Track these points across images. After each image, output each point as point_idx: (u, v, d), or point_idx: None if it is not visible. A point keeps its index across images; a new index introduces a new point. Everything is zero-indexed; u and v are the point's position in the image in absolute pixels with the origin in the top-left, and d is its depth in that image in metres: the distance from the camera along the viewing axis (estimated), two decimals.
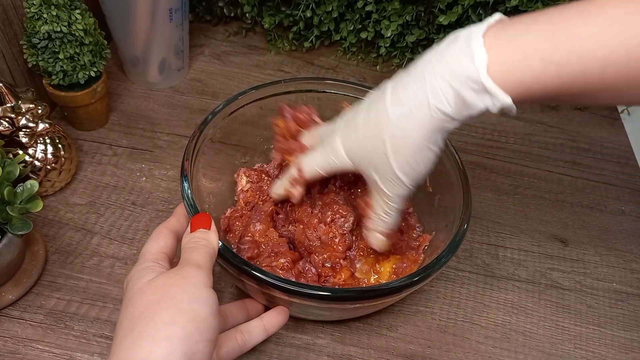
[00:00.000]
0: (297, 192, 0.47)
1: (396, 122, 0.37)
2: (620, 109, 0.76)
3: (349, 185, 0.51)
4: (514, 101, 0.33)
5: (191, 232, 0.39)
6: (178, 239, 0.41)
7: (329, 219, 0.48)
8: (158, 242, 0.40)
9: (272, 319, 0.43)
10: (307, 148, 0.48)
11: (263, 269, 0.41)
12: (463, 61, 0.33)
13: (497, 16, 0.35)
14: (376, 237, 0.45)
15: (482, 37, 0.33)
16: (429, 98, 0.35)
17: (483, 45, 0.33)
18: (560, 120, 0.73)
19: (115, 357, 0.31)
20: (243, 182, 0.54)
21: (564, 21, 0.32)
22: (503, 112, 0.35)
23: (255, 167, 0.56)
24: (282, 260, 0.45)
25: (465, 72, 0.33)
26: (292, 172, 0.47)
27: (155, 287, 0.34)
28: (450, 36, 0.36)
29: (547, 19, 0.33)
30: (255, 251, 0.47)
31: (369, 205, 0.44)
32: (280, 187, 0.49)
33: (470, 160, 0.66)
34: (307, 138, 0.48)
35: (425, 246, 0.50)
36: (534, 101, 0.35)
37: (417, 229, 0.53)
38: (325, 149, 0.43)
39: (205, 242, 0.38)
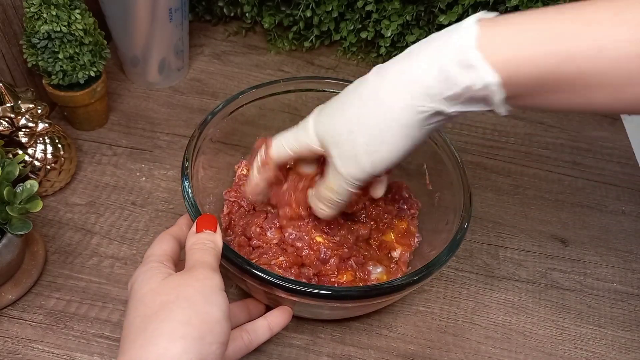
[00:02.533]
0: (266, 175, 0.44)
1: (375, 96, 0.36)
2: None
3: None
4: (503, 87, 0.32)
5: (197, 232, 0.39)
6: (181, 246, 0.41)
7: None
8: (161, 246, 0.39)
9: (277, 318, 0.43)
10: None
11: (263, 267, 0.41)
12: (452, 36, 0.33)
13: (494, 13, 0.35)
14: (319, 207, 0.43)
15: (476, 19, 0.33)
16: (412, 71, 0.34)
17: (475, 23, 0.33)
18: (560, 120, 0.73)
19: (127, 356, 0.31)
20: (243, 172, 0.53)
21: (559, 14, 0.31)
22: (488, 100, 0.33)
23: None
24: (280, 259, 0.45)
25: (452, 45, 0.33)
26: (260, 153, 0.44)
27: (169, 287, 0.34)
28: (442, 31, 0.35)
29: (542, 10, 0.32)
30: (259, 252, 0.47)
31: (324, 175, 0.42)
32: (251, 180, 0.46)
33: (470, 160, 0.66)
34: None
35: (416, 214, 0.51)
36: (522, 96, 0.33)
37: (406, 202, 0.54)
38: (297, 128, 0.42)
39: (212, 244, 0.38)
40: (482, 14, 0.34)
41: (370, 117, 0.36)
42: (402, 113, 0.35)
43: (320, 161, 0.45)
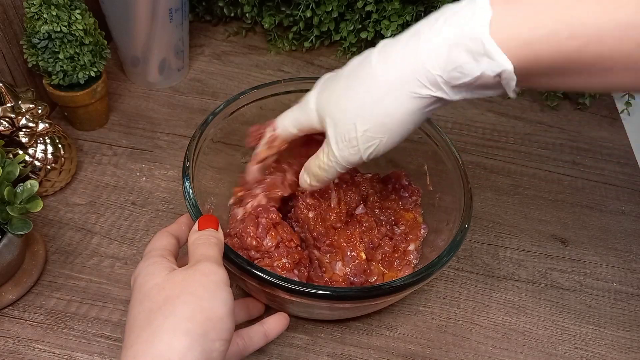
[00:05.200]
0: (275, 151, 0.45)
1: (376, 75, 0.34)
2: (620, 108, 0.76)
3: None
4: (515, 70, 0.30)
5: (199, 230, 0.39)
6: (180, 244, 0.41)
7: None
8: (161, 241, 0.39)
9: (273, 324, 0.43)
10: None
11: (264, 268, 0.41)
12: (463, 18, 0.31)
13: None
14: (305, 179, 0.43)
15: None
16: (419, 53, 0.33)
17: (489, 2, 0.30)
18: (560, 120, 0.73)
19: (132, 351, 0.31)
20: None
21: None
22: (499, 86, 0.32)
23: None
24: (284, 260, 0.45)
25: (463, 29, 0.30)
26: (267, 135, 0.45)
27: (174, 282, 0.34)
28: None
29: None
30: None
31: (317, 149, 0.42)
32: (258, 155, 0.46)
33: (470, 160, 0.66)
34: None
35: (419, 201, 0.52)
36: (536, 74, 0.31)
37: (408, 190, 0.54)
38: (299, 105, 0.42)
39: (215, 239, 0.38)
40: None
41: (373, 107, 0.35)
42: (407, 103, 0.34)
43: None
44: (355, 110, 0.36)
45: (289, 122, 0.42)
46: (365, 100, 0.36)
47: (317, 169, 0.41)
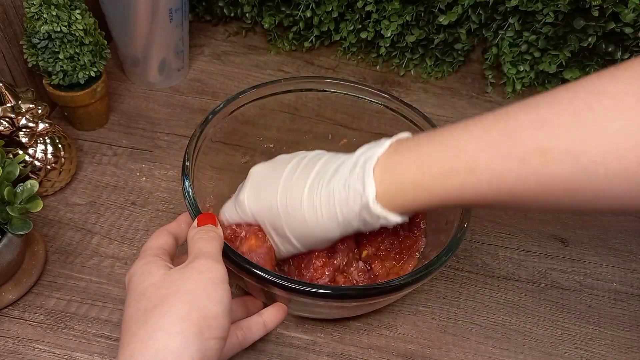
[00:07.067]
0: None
1: (307, 221, 0.40)
2: None
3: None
4: (408, 214, 0.39)
5: (198, 226, 0.39)
6: (178, 243, 0.41)
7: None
8: (158, 240, 0.40)
9: (271, 315, 0.43)
10: None
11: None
12: (358, 191, 0.38)
13: (402, 135, 0.39)
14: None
15: (373, 167, 0.37)
16: (338, 215, 0.39)
17: (372, 177, 0.37)
18: None
19: (128, 350, 0.31)
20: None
21: (448, 139, 0.35)
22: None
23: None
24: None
25: (360, 202, 0.38)
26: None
27: (170, 281, 0.34)
28: (358, 151, 0.40)
29: (438, 137, 0.36)
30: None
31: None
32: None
33: None
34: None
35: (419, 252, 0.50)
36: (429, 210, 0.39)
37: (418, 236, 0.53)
38: (236, 201, 0.45)
39: (214, 233, 0.38)
40: (382, 150, 0.38)
41: (307, 237, 0.42)
42: (336, 233, 0.41)
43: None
44: (291, 235, 0.42)
45: (229, 216, 0.46)
46: (300, 231, 0.42)
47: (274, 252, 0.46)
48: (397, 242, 0.50)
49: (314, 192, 0.40)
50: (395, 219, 0.38)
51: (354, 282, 0.47)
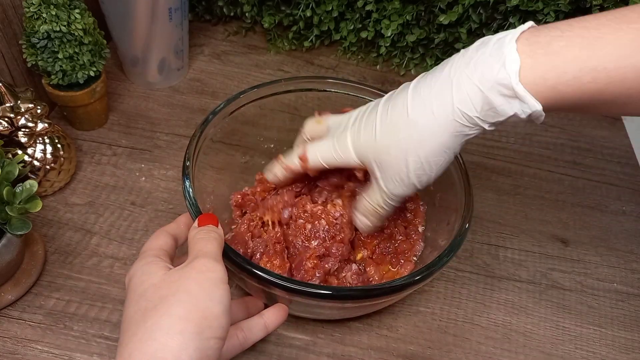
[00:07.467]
0: (282, 177, 0.48)
1: (415, 122, 0.37)
2: None
3: (335, 188, 0.51)
4: (544, 108, 0.33)
5: (198, 227, 0.39)
6: (177, 244, 0.41)
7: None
8: (158, 241, 0.40)
9: (272, 316, 0.43)
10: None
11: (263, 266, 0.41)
12: (494, 65, 0.33)
13: (529, 24, 0.35)
14: (362, 221, 0.46)
15: (515, 41, 0.33)
16: (454, 100, 0.35)
17: (516, 50, 0.33)
18: (560, 120, 0.73)
19: (127, 350, 0.31)
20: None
21: (599, 27, 0.32)
22: (530, 119, 0.34)
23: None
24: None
25: (495, 76, 0.33)
26: (294, 159, 0.47)
27: (171, 281, 0.34)
28: (479, 41, 0.36)
29: (583, 25, 0.32)
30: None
31: (365, 190, 0.44)
32: (274, 170, 0.49)
33: (470, 160, 0.66)
34: (311, 126, 0.48)
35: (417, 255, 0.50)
36: (562, 109, 0.34)
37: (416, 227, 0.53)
38: (333, 142, 0.44)
39: (215, 233, 0.38)
40: (518, 31, 0.34)
41: (418, 150, 0.38)
42: (448, 142, 0.37)
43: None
44: (400, 155, 0.39)
45: (323, 159, 0.44)
46: (409, 146, 0.38)
47: (370, 206, 0.44)
48: (393, 245, 0.50)
49: (420, 88, 0.37)
50: (537, 105, 0.33)
51: (347, 284, 0.47)
